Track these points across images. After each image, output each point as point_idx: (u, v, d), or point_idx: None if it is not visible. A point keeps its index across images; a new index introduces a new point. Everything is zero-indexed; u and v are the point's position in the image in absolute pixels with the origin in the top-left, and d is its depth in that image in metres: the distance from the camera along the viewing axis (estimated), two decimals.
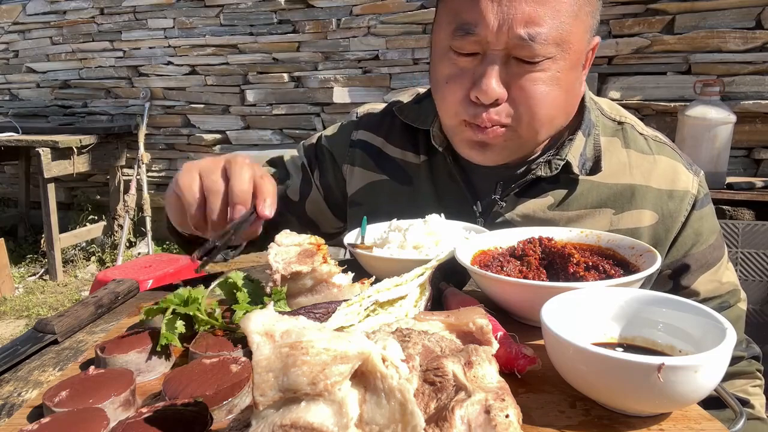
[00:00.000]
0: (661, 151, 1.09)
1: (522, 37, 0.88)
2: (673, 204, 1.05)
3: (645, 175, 1.06)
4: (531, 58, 0.91)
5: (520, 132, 0.98)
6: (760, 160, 3.38)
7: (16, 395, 0.70)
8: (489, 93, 0.92)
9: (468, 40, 0.92)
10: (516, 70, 0.93)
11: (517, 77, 0.93)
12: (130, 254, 5.05)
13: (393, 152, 1.21)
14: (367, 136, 1.25)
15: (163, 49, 5.08)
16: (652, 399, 0.53)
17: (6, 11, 5.57)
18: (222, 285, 0.82)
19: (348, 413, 0.43)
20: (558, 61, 0.92)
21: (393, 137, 1.22)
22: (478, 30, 0.90)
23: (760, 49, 3.28)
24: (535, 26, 0.88)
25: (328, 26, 4.47)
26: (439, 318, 0.64)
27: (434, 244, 0.95)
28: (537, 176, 1.05)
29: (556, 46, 0.91)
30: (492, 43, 0.91)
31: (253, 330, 0.43)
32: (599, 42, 1.02)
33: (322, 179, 1.28)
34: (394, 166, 1.20)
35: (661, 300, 0.65)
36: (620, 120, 1.12)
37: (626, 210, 1.05)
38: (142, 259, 3.74)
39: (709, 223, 1.09)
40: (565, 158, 1.04)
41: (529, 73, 0.92)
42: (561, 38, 0.91)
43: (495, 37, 0.90)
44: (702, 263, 1.06)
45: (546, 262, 0.86)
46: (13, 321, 4.01)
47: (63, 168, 4.66)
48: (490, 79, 0.92)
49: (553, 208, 1.06)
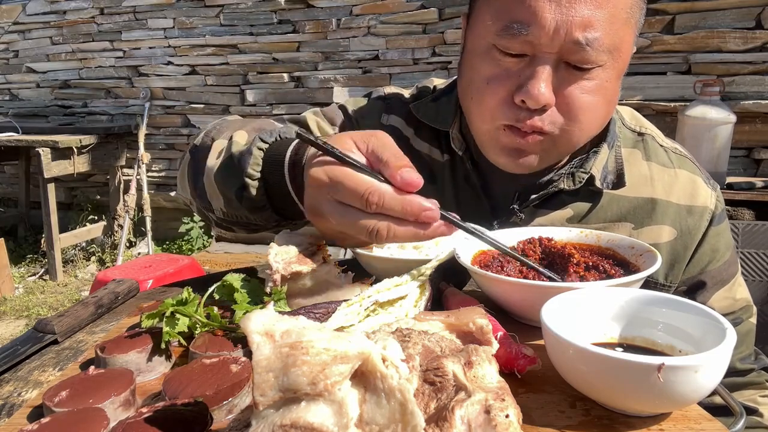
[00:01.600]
0: (682, 164, 1.07)
1: (579, 42, 0.82)
2: (692, 220, 1.03)
3: (666, 189, 1.04)
4: (583, 63, 0.85)
5: (559, 141, 0.93)
6: (760, 160, 3.38)
7: (16, 395, 0.70)
8: (539, 98, 0.86)
9: (518, 39, 0.85)
10: (566, 76, 0.87)
11: (566, 83, 0.87)
12: (130, 254, 5.06)
13: (421, 147, 1.14)
14: (400, 124, 1.16)
15: (163, 49, 5.08)
16: (652, 399, 0.53)
17: (6, 11, 5.57)
18: (219, 289, 0.82)
19: (348, 413, 0.43)
20: (607, 69, 0.88)
21: (421, 131, 1.14)
22: (532, 30, 0.83)
23: (760, 49, 3.28)
24: (593, 31, 0.82)
25: (328, 26, 4.47)
26: (439, 318, 0.64)
27: (434, 244, 0.95)
28: (559, 189, 1.02)
29: (609, 53, 0.86)
30: (546, 45, 0.84)
31: (253, 330, 0.43)
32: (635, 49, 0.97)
33: None
34: (421, 162, 1.12)
35: (661, 300, 0.65)
36: (641, 131, 1.09)
37: (646, 225, 1.03)
38: (142, 259, 3.74)
39: (725, 238, 1.07)
40: (590, 171, 1.01)
41: (578, 80, 0.87)
42: (614, 45, 0.86)
43: (550, 39, 0.83)
44: (717, 280, 1.05)
45: (546, 262, 0.86)
46: (13, 321, 4.01)
47: (63, 168, 4.67)
48: (540, 82, 0.85)
49: (573, 221, 1.03)
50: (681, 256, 1.03)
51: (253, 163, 0.86)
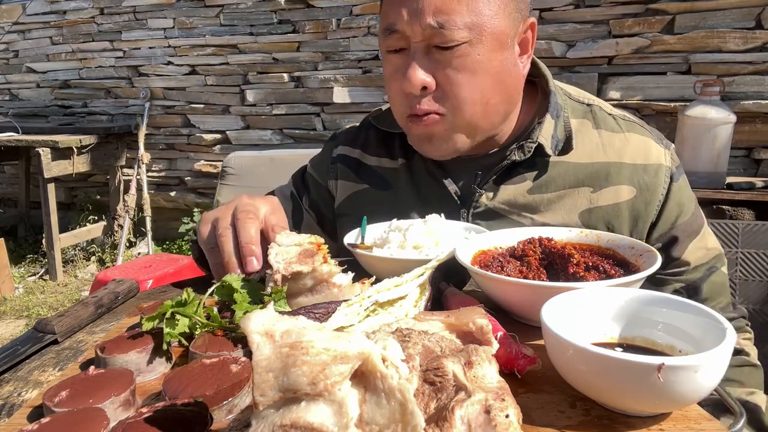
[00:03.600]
0: (630, 128, 1.13)
1: (432, 26, 0.96)
2: (649, 177, 1.09)
3: (618, 153, 1.10)
4: (446, 43, 0.97)
5: (455, 118, 1.04)
6: (760, 160, 3.37)
7: (16, 395, 0.70)
8: (413, 81, 0.99)
9: (393, 37, 1.02)
10: (438, 58, 1.00)
11: (440, 65, 1.00)
12: (130, 254, 5.06)
13: (370, 161, 1.28)
14: (346, 150, 1.32)
15: (163, 49, 5.08)
16: (652, 399, 0.53)
17: (6, 11, 5.57)
18: (219, 290, 0.82)
19: (348, 413, 0.43)
20: (475, 45, 0.99)
21: (369, 147, 1.29)
22: (398, 26, 1.00)
23: (760, 49, 3.27)
24: (443, 14, 0.96)
25: (328, 26, 4.46)
26: (439, 318, 0.64)
27: (434, 244, 0.95)
28: (512, 161, 1.09)
29: (469, 30, 0.97)
30: (410, 36, 0.99)
31: (253, 330, 0.43)
32: (535, 22, 1.07)
33: (310, 203, 1.34)
34: (373, 174, 1.26)
35: (661, 300, 0.65)
36: (588, 102, 1.17)
37: (604, 187, 1.08)
38: (142, 259, 3.74)
39: (687, 192, 1.13)
40: (537, 140, 1.08)
41: (450, 59, 0.99)
42: (472, 22, 0.97)
43: (410, 29, 0.98)
44: (689, 232, 1.10)
45: (546, 262, 0.86)
46: (13, 321, 4.01)
47: (63, 168, 4.66)
48: (414, 69, 0.99)
49: (532, 191, 1.10)
50: (643, 213, 1.08)
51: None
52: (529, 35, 1.07)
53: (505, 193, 1.11)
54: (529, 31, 1.06)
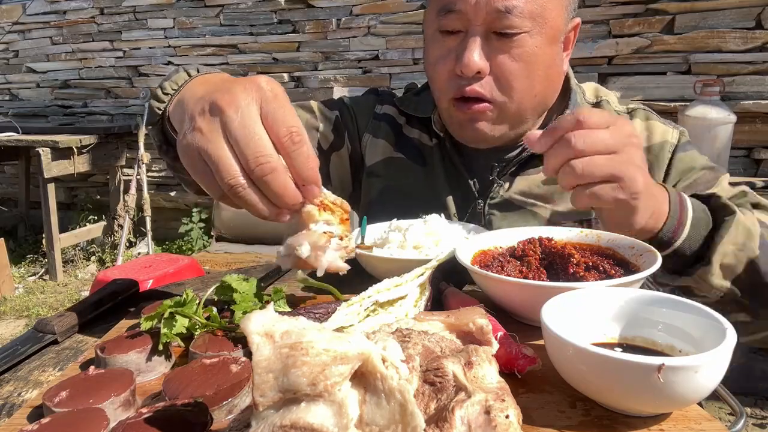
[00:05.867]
0: (634, 116, 1.16)
1: (499, 10, 0.96)
2: (652, 156, 1.10)
3: None
4: (508, 29, 0.98)
5: (504, 106, 1.04)
6: (760, 160, 3.37)
7: (16, 395, 0.70)
8: (470, 65, 0.99)
9: (451, 18, 1.00)
10: (496, 45, 1.00)
11: (497, 51, 1.00)
12: (130, 254, 5.05)
13: (411, 132, 1.26)
14: (393, 112, 1.30)
15: (163, 49, 5.08)
16: (652, 399, 0.53)
17: (6, 11, 5.57)
18: (218, 290, 0.82)
19: (348, 414, 0.43)
20: (534, 36, 0.99)
21: (412, 120, 1.27)
22: (459, 6, 0.98)
23: (760, 49, 3.27)
24: (512, 0, 0.96)
25: (328, 26, 4.46)
26: (439, 318, 0.64)
27: (434, 244, 0.95)
28: (531, 153, 1.10)
29: (532, 20, 0.98)
30: (472, 18, 0.98)
31: (252, 330, 0.43)
32: (580, 23, 1.09)
33: (350, 138, 1.31)
34: (412, 146, 1.25)
35: (661, 300, 0.65)
36: (597, 101, 1.19)
37: None
38: (142, 259, 3.73)
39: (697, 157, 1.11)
40: None
41: (508, 47, 0.99)
42: (536, 12, 0.98)
43: (474, 10, 0.97)
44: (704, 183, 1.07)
45: (546, 262, 0.86)
46: (13, 321, 4.01)
47: (63, 168, 4.66)
48: (471, 52, 0.99)
49: (547, 181, 1.12)
50: None
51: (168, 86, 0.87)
52: (572, 35, 1.08)
53: (521, 184, 1.13)
54: (572, 31, 1.08)
